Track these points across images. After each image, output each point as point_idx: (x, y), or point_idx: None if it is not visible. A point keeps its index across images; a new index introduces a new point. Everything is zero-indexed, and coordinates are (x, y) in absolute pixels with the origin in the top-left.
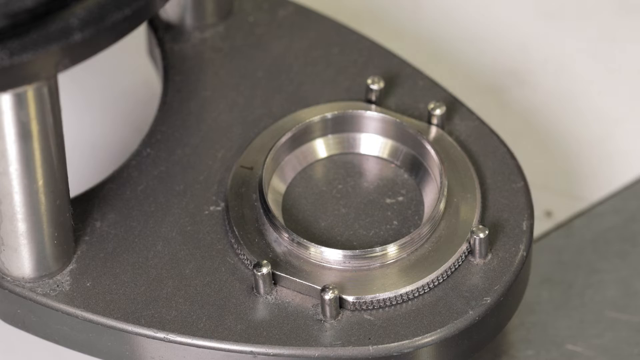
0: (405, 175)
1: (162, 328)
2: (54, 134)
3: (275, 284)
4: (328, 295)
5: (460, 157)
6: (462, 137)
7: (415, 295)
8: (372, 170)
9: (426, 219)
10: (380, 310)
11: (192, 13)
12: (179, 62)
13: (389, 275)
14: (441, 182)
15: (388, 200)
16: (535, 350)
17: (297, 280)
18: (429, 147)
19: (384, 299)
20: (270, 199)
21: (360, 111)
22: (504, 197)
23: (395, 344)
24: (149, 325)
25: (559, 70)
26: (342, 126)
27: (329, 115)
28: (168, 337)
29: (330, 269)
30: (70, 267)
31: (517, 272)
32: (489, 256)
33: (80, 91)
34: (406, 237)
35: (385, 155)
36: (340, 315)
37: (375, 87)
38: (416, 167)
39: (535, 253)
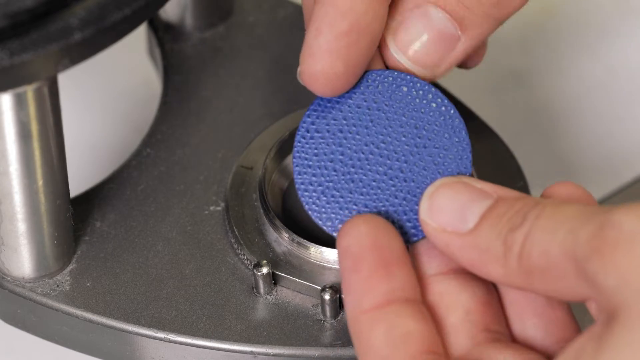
0: None
1: (162, 328)
2: (54, 134)
3: (275, 284)
4: (328, 295)
5: None
6: None
7: None
8: None
9: None
10: None
11: (192, 13)
12: (179, 62)
13: None
14: None
15: None
16: None
17: (297, 280)
18: None
19: None
20: (270, 199)
21: None
22: None
23: None
24: (149, 325)
25: (559, 70)
26: None
27: None
28: (168, 337)
29: (330, 269)
30: (70, 267)
31: None
32: None
33: (80, 91)
34: None
35: None
36: (340, 315)
37: None
38: None
39: None
